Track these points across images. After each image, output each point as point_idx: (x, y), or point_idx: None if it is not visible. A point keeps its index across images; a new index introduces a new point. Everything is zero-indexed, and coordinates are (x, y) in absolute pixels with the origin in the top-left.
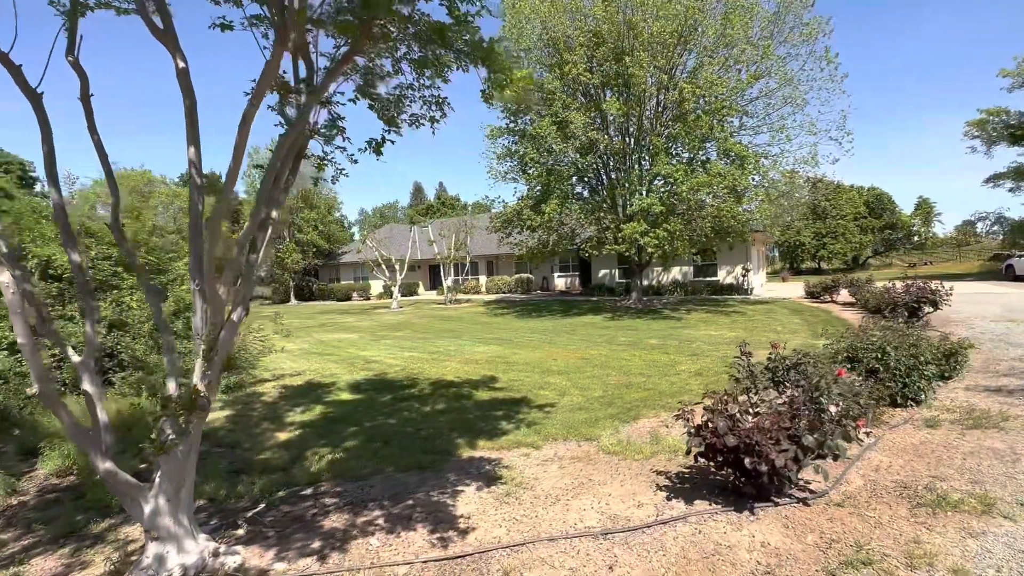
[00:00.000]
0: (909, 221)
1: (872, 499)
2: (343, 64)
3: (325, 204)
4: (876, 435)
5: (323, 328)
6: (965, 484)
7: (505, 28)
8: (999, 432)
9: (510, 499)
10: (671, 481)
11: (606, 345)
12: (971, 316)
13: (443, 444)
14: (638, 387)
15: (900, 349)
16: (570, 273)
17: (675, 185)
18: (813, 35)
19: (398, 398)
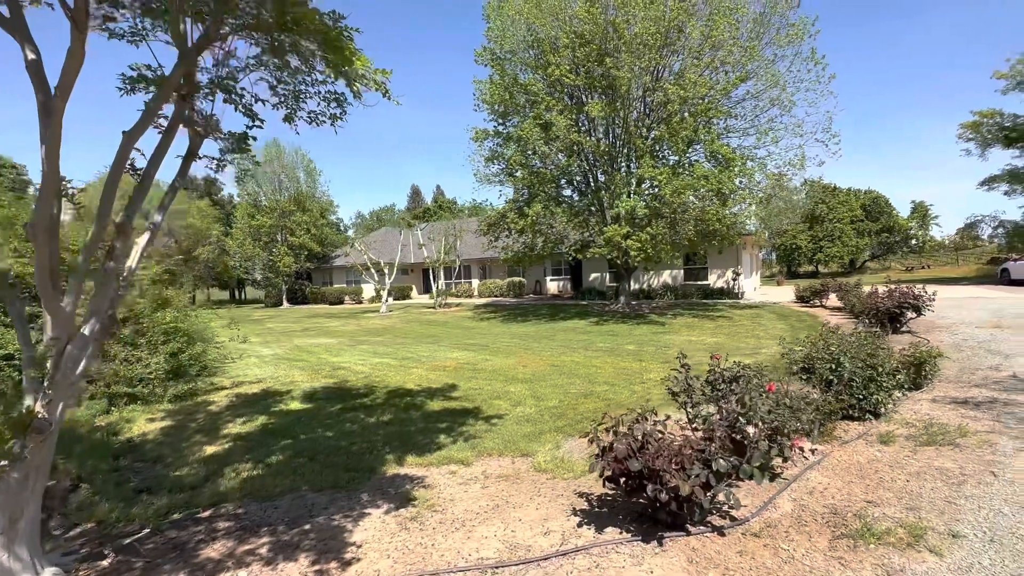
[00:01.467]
0: (906, 224)
1: (795, 527)
2: (194, 53)
3: (318, 207)
4: (823, 452)
5: (305, 333)
6: (900, 511)
7: (489, 30)
8: (953, 450)
9: (414, 524)
10: (591, 505)
11: (582, 351)
12: (957, 322)
13: (371, 460)
14: (597, 397)
15: (856, 359)
16: (562, 277)
17: (660, 188)
18: (799, 36)
19: (347, 408)
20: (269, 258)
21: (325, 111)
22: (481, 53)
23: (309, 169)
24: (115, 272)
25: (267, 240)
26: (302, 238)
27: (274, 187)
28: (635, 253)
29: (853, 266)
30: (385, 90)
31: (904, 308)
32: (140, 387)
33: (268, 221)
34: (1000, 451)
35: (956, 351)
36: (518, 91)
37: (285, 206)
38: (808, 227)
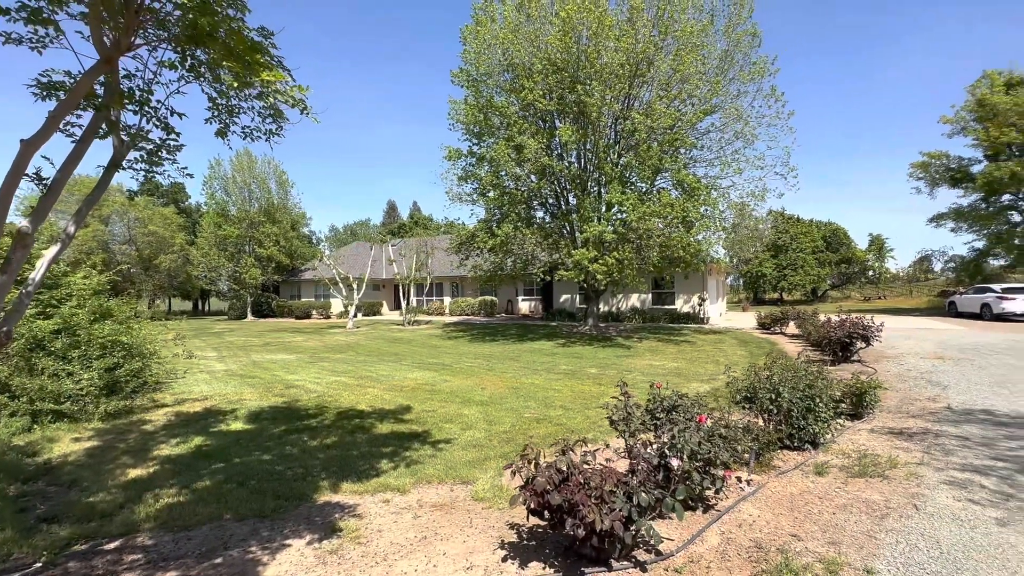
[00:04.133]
0: (863, 256)
1: (717, 562)
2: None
3: (289, 219)
4: (759, 483)
5: (265, 348)
6: (822, 545)
7: (466, 52)
8: (882, 481)
9: (333, 558)
10: (520, 538)
11: (544, 373)
12: (904, 352)
13: (304, 486)
14: (550, 421)
15: (795, 390)
16: (534, 297)
17: (627, 214)
18: (760, 73)
19: (291, 429)
20: (235, 269)
21: (260, 126)
22: (457, 74)
23: (281, 180)
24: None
25: (234, 251)
26: (270, 250)
27: (244, 197)
28: (601, 277)
29: (815, 294)
30: (304, 106)
31: (854, 338)
32: (68, 404)
33: (236, 231)
34: (925, 484)
35: (900, 381)
36: (493, 112)
37: (254, 217)
38: (773, 256)
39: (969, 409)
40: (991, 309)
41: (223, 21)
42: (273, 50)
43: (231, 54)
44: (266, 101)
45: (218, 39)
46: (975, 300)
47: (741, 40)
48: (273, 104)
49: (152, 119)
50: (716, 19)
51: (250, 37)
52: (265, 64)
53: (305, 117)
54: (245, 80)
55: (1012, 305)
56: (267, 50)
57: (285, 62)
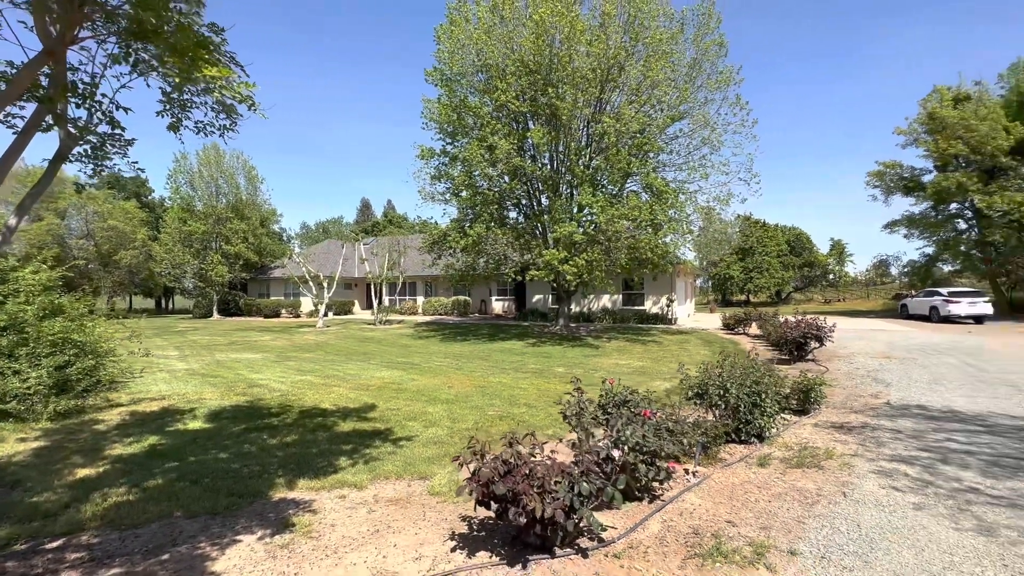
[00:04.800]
0: (825, 260)
1: (655, 548)
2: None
3: (259, 215)
4: (705, 474)
5: (230, 347)
6: (754, 530)
7: (439, 51)
8: (817, 472)
9: (283, 552)
10: (471, 529)
11: (512, 372)
12: (856, 352)
13: (260, 484)
14: (513, 419)
15: (742, 387)
16: (507, 297)
17: (596, 216)
18: (726, 82)
19: (252, 428)
20: (201, 266)
21: (214, 121)
22: (431, 73)
23: (250, 175)
24: None
25: (200, 247)
26: (238, 247)
27: (211, 192)
28: (571, 277)
29: (780, 296)
30: (251, 102)
31: (808, 338)
32: (15, 403)
33: (202, 227)
34: (855, 473)
35: (848, 379)
36: (467, 112)
37: (222, 212)
38: (740, 259)
39: (906, 405)
40: (939, 311)
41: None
42: (225, 46)
43: (175, 50)
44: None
45: (163, 34)
46: (924, 303)
47: (709, 49)
48: (221, 99)
49: (97, 113)
50: (686, 28)
51: (200, 32)
52: (211, 60)
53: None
54: (188, 76)
55: (957, 308)
56: (216, 46)
57: (238, 57)
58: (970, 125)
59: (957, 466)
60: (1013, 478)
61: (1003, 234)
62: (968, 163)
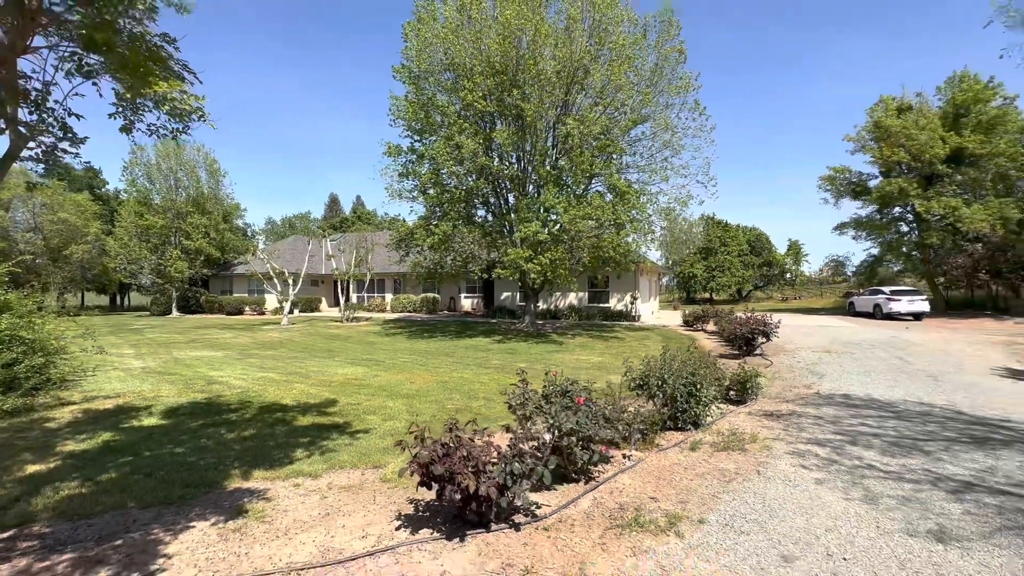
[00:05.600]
0: (782, 260)
1: (581, 521)
2: None
3: (221, 210)
4: (640, 458)
5: (190, 344)
6: (672, 504)
7: (407, 49)
8: (740, 454)
9: (235, 535)
10: (417, 510)
11: (475, 368)
12: (800, 346)
13: (215, 475)
14: (471, 412)
15: (679, 378)
16: (476, 294)
17: (559, 215)
18: (686, 88)
19: (209, 424)
20: (159, 262)
21: (167, 125)
22: (399, 70)
23: (212, 169)
24: None
25: (158, 242)
26: (199, 242)
27: (170, 185)
28: (535, 276)
29: (740, 295)
30: (201, 113)
31: (756, 334)
32: None
33: (160, 221)
34: (773, 454)
35: (788, 371)
36: (434, 110)
37: (181, 206)
38: (703, 258)
39: (833, 394)
40: (881, 309)
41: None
42: (178, 55)
43: (126, 65)
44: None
45: (114, 48)
46: (869, 301)
47: (669, 56)
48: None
49: (49, 119)
50: (648, 34)
51: (153, 41)
52: (163, 74)
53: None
54: (139, 91)
55: (898, 305)
56: (167, 57)
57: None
58: (911, 134)
59: (862, 447)
60: (906, 456)
61: (939, 237)
62: (909, 170)
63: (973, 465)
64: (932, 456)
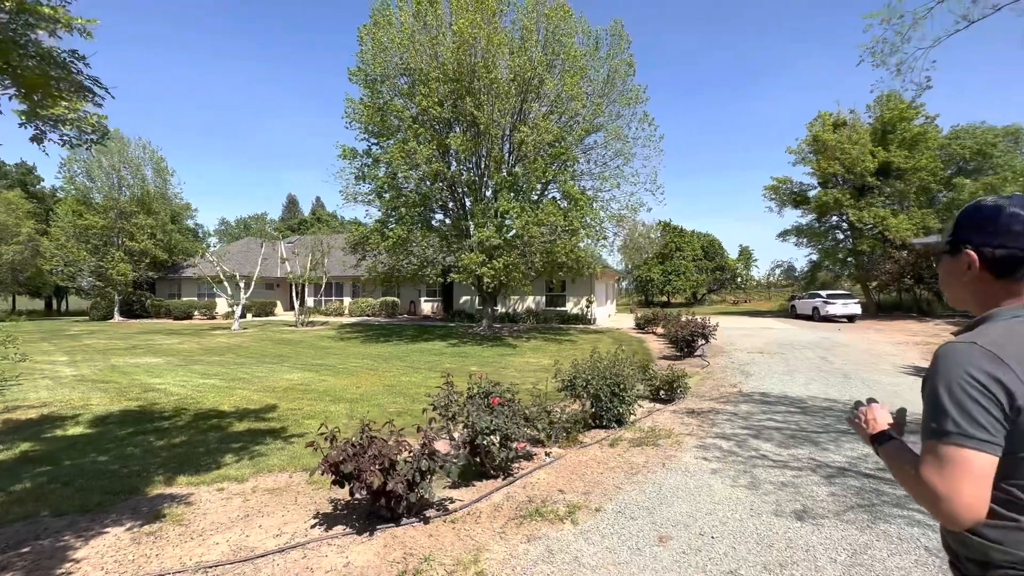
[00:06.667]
0: (734, 264)
1: (488, 513)
2: None
3: (169, 210)
4: (560, 454)
5: (130, 351)
6: (577, 496)
7: (363, 52)
8: (653, 448)
9: (149, 538)
10: (335, 509)
11: (425, 371)
12: (739, 348)
13: (137, 482)
14: (410, 414)
15: (604, 379)
16: (435, 298)
17: (512, 221)
18: (635, 100)
19: (139, 432)
20: (100, 264)
21: (80, 136)
22: (355, 72)
23: (159, 167)
24: None
25: (99, 243)
26: (144, 243)
27: (112, 183)
28: (489, 280)
29: (696, 298)
30: (104, 131)
31: (696, 336)
32: None
33: (101, 221)
34: (682, 448)
35: (721, 371)
36: (391, 114)
37: (125, 206)
38: (660, 262)
39: (753, 392)
40: (819, 311)
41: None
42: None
43: (26, 85)
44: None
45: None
46: (808, 304)
47: (620, 68)
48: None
49: None
50: (600, 46)
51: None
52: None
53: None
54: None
55: (834, 308)
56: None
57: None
58: (845, 148)
59: (763, 439)
60: (798, 447)
61: (870, 244)
62: (844, 181)
63: (851, 453)
64: (820, 446)
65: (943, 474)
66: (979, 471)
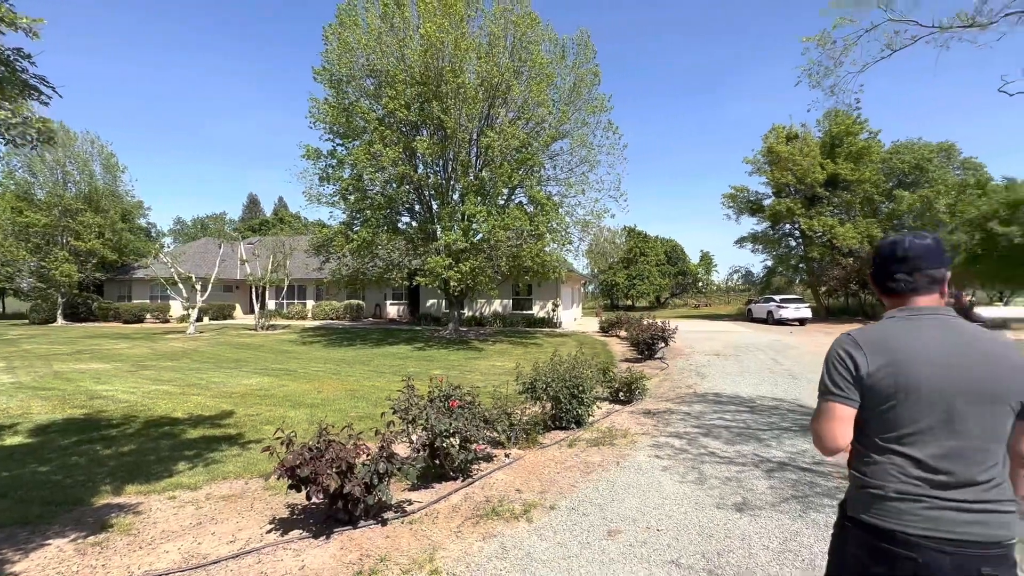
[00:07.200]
0: (695, 269)
1: (446, 514)
2: None
3: (119, 208)
4: (520, 455)
5: (75, 356)
6: (534, 495)
7: (328, 51)
8: (609, 448)
9: (94, 549)
10: (292, 513)
11: (389, 375)
12: (697, 351)
13: (82, 492)
14: (372, 419)
15: (563, 381)
16: (402, 301)
17: (477, 225)
18: (600, 108)
19: (84, 440)
20: (42, 264)
21: (23, 135)
22: (320, 72)
23: (109, 163)
24: None
25: (41, 242)
26: (92, 243)
27: (56, 179)
28: (455, 284)
29: (659, 301)
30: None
31: (656, 339)
32: None
33: (43, 219)
34: (636, 447)
35: (679, 373)
36: (356, 115)
37: (71, 203)
38: (625, 267)
39: (707, 393)
40: (773, 315)
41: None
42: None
43: None
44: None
45: None
46: (763, 308)
47: (585, 77)
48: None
49: None
50: (567, 55)
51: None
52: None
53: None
54: None
55: (786, 312)
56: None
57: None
58: (796, 160)
59: (712, 437)
60: (744, 444)
61: (820, 251)
62: (796, 191)
63: (792, 449)
64: (764, 443)
65: (819, 420)
66: (838, 416)
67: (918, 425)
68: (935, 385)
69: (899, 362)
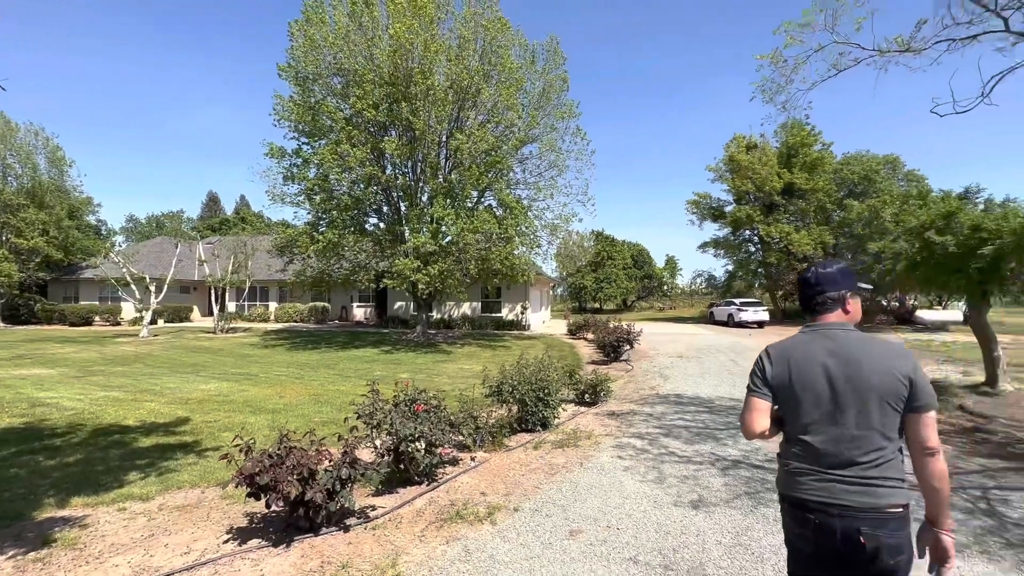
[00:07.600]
0: (660, 273)
1: (410, 519)
2: None
3: (66, 205)
4: (485, 459)
5: (15, 362)
6: (498, 497)
7: (294, 48)
8: (573, 449)
9: (36, 565)
10: (251, 523)
11: (354, 380)
12: (661, 352)
13: (23, 506)
14: (336, 424)
15: (530, 384)
16: (369, 304)
17: (446, 228)
18: (568, 114)
19: (25, 451)
20: None
21: None
22: (285, 68)
23: (55, 156)
24: None
25: None
26: (35, 241)
27: None
28: (424, 286)
29: (626, 304)
30: None
31: (621, 341)
32: None
33: None
34: (600, 448)
35: (643, 375)
36: (323, 114)
37: (11, 198)
38: (593, 270)
39: (668, 394)
40: (733, 318)
41: None
42: None
43: None
44: None
45: None
46: (724, 311)
47: (554, 83)
48: None
49: None
50: (536, 60)
51: None
52: None
53: None
54: None
55: (746, 315)
56: None
57: None
58: (755, 169)
59: (672, 438)
60: (701, 443)
61: (777, 257)
62: (755, 199)
63: (746, 447)
64: (720, 442)
65: (743, 410)
66: (755, 407)
67: (812, 417)
68: (820, 386)
69: (792, 369)
